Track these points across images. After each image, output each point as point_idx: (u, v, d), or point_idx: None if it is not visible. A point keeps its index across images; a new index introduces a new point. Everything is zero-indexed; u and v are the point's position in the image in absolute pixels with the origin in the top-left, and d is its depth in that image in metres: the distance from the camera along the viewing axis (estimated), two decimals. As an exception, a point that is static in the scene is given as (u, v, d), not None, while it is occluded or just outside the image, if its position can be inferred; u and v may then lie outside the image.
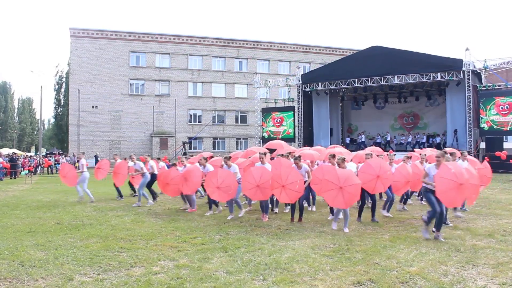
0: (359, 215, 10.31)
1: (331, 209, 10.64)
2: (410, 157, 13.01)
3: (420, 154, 13.24)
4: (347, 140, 35.22)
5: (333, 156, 10.22)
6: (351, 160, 12.36)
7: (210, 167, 11.98)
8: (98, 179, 16.14)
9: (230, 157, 11.84)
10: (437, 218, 8.10)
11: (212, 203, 11.71)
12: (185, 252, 7.22)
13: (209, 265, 6.42)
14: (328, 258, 6.73)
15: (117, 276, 5.95)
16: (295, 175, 9.71)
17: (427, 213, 8.47)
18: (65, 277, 5.88)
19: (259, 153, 11.39)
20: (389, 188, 10.57)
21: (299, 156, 10.68)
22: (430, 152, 15.04)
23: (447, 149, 15.73)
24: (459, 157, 11.38)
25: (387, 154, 13.33)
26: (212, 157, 14.43)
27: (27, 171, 30.39)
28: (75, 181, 14.52)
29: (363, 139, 33.19)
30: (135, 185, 14.90)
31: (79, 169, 14.68)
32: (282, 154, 12.84)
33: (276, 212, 11.52)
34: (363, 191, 9.91)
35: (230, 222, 10.12)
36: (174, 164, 12.91)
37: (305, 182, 10.11)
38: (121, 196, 15.20)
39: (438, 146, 29.09)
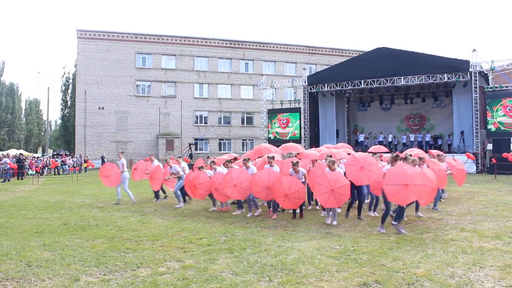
0: (348, 212, 10.85)
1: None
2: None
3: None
4: (366, 142, 34.60)
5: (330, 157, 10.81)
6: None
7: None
8: (135, 180, 15.97)
9: (249, 159, 12.24)
10: (397, 210, 8.81)
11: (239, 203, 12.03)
12: (191, 253, 7.23)
13: (215, 266, 6.43)
14: (334, 260, 6.71)
15: (123, 276, 5.96)
16: (296, 184, 10.28)
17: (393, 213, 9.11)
18: (72, 277, 5.91)
19: (268, 156, 11.79)
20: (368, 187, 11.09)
21: (297, 162, 11.21)
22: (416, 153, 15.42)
23: (434, 151, 15.89)
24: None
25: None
26: (236, 158, 14.49)
27: (34, 172, 30.55)
28: (117, 181, 14.09)
29: (361, 139, 33.02)
30: (170, 188, 14.65)
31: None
32: (294, 156, 13.11)
33: (278, 210, 11.59)
34: (353, 189, 10.48)
35: (236, 223, 10.13)
36: (202, 167, 12.90)
37: (302, 183, 10.81)
38: (157, 198, 15.02)
39: (439, 148, 29.33)
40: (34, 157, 41.09)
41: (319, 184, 9.90)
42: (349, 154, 14.30)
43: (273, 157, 11.66)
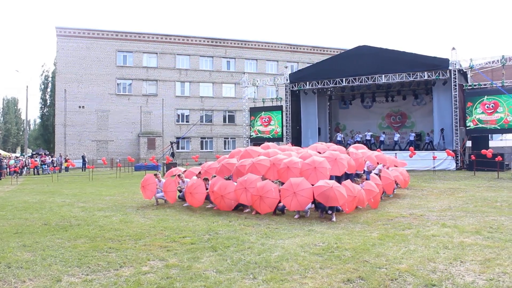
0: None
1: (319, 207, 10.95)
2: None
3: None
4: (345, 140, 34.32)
5: None
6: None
7: None
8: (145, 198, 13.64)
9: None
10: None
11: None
12: (175, 251, 7.20)
13: (199, 264, 6.41)
14: (318, 256, 6.74)
15: (106, 276, 5.91)
16: (306, 183, 10.55)
17: None
18: (53, 278, 5.83)
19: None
20: None
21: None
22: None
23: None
24: None
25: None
26: None
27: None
28: (152, 194, 13.15)
29: (338, 138, 32.78)
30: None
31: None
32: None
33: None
34: None
35: (219, 221, 10.11)
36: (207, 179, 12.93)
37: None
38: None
39: (411, 145, 29.94)
40: (13, 157, 40.44)
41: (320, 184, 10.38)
42: (320, 152, 14.40)
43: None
